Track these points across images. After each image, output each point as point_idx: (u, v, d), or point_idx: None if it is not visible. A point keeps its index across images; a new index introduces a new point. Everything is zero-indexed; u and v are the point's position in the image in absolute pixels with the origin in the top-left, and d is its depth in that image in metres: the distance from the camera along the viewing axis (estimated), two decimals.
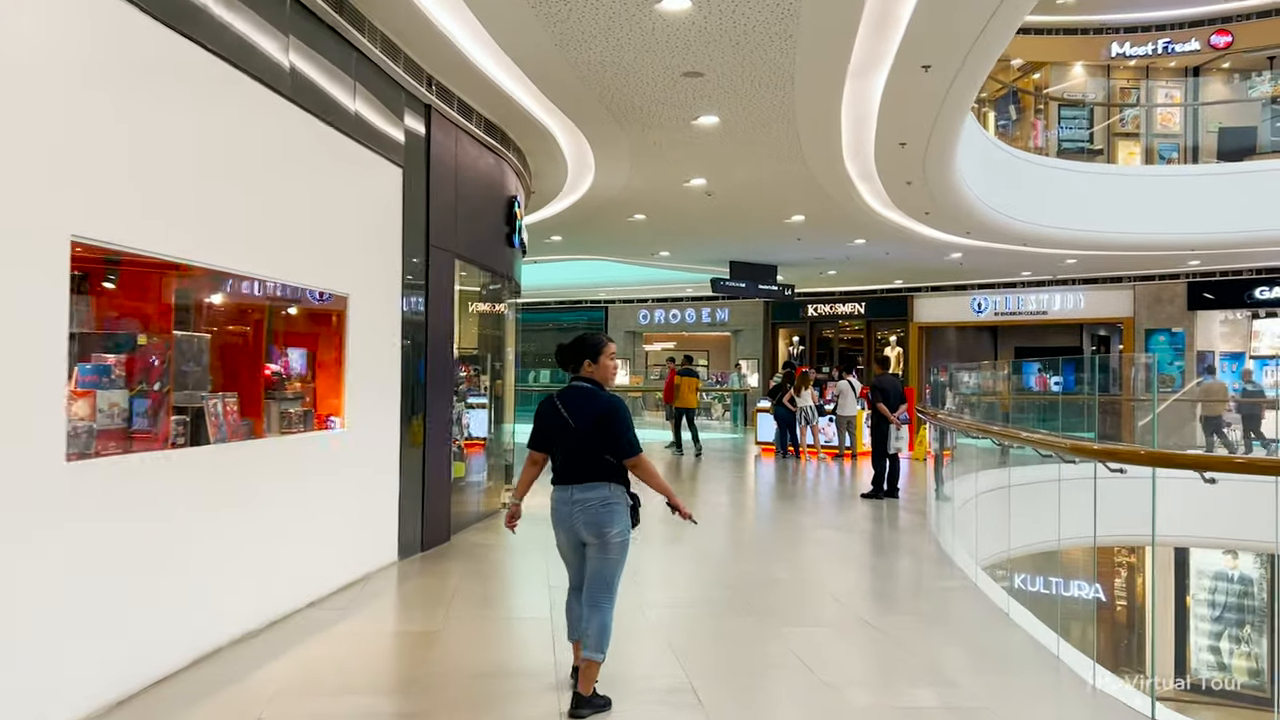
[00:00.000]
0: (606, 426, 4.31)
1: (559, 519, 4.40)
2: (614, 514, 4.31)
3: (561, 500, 4.38)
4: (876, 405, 11.83)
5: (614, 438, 4.30)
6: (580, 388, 4.45)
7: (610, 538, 4.30)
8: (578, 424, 4.33)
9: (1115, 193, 17.40)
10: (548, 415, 4.46)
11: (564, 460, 4.39)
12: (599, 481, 4.31)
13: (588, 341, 4.51)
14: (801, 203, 13.86)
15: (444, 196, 8.50)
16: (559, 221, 15.49)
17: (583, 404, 4.38)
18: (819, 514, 11.22)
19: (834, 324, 28.13)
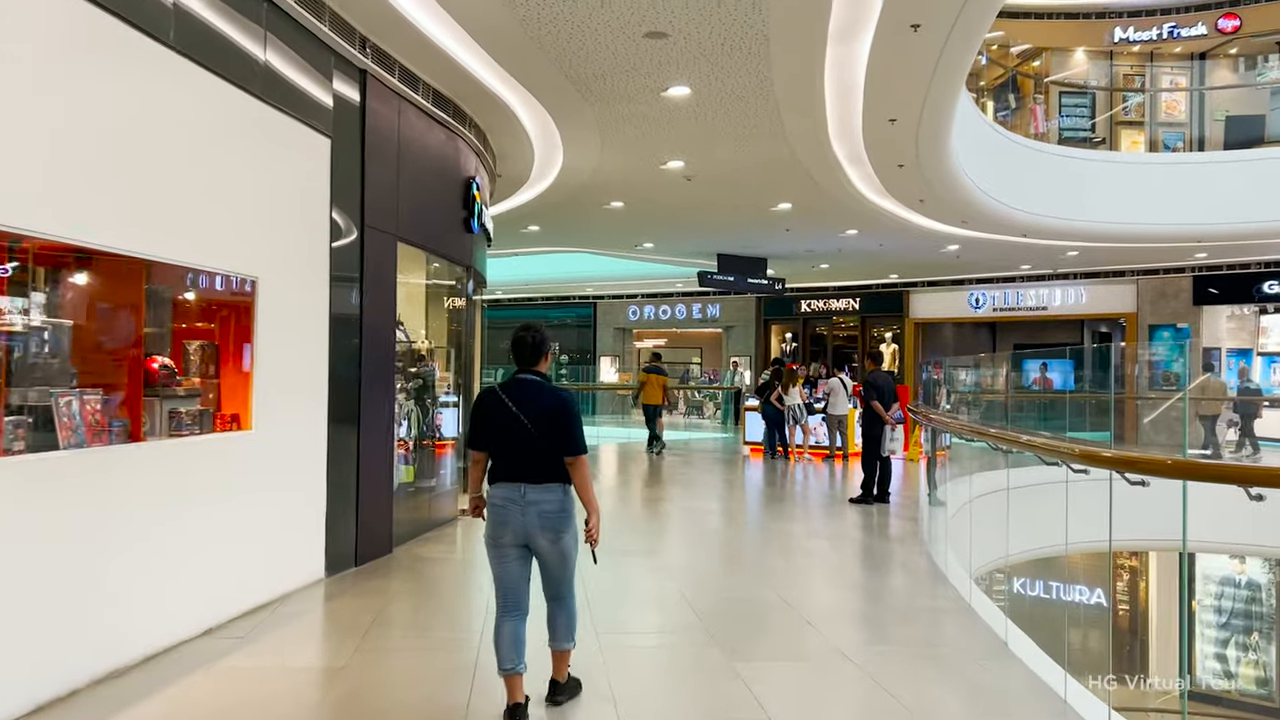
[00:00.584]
0: (559, 422, 4.09)
1: (504, 519, 4.11)
2: (570, 517, 4.15)
3: (509, 500, 4.10)
4: (870, 403, 11.00)
5: (565, 434, 4.09)
6: (529, 381, 4.20)
7: (566, 540, 4.15)
8: (531, 420, 4.08)
9: (1119, 182, 16.59)
10: (493, 410, 4.16)
11: (513, 458, 4.11)
12: (555, 482, 4.11)
13: (546, 334, 4.33)
14: (788, 189, 13.04)
15: (383, 173, 7.68)
16: (533, 209, 14.67)
17: (535, 398, 4.14)
18: (804, 521, 10.42)
19: (828, 320, 27.34)
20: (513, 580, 4.17)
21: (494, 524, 4.14)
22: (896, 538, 9.36)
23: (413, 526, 8.55)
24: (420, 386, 9.39)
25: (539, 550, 4.14)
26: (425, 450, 9.45)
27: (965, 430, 7.50)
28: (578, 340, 30.97)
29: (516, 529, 4.09)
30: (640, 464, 16.37)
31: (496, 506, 4.13)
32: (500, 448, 4.14)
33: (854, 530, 9.66)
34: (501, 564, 4.17)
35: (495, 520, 4.14)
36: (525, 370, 4.25)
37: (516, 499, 4.07)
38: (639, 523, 9.92)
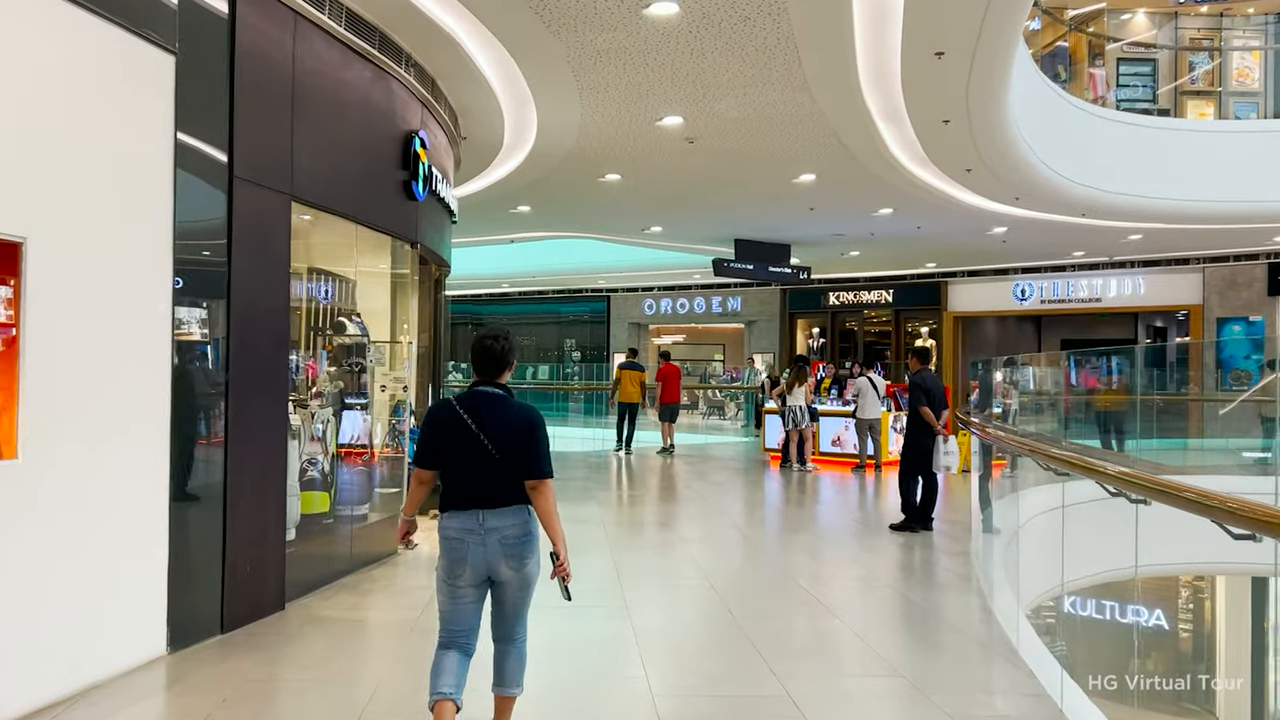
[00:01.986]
0: (525, 441, 3.68)
1: (462, 554, 3.66)
2: (534, 541, 3.76)
3: (466, 531, 3.66)
4: (919, 410, 9.01)
5: (533, 454, 3.68)
6: (490, 394, 3.76)
7: (530, 568, 3.75)
8: (494, 438, 3.65)
9: (1191, 154, 14.43)
10: (448, 426, 3.71)
11: (470, 482, 3.68)
12: (517, 505, 3.70)
13: (512, 341, 3.88)
14: (811, 155, 11.07)
15: (268, 112, 5.83)
16: (519, 186, 12.81)
17: (498, 414, 3.71)
18: (825, 555, 8.49)
19: (858, 314, 25.27)
20: (465, 620, 3.75)
21: (450, 560, 3.68)
22: (946, 583, 7.39)
23: (325, 570, 6.72)
24: (347, 390, 7.56)
25: (501, 581, 3.73)
26: (352, 470, 7.61)
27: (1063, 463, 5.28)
28: (590, 336, 29.16)
29: (476, 564, 3.66)
30: (640, 473, 14.48)
31: (451, 540, 3.66)
32: (455, 469, 3.70)
33: (890, 569, 7.71)
34: (455, 603, 3.72)
35: (451, 556, 3.67)
36: (486, 382, 3.78)
37: (474, 528, 3.64)
38: (618, 556, 8.03)
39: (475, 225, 16.50)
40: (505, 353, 3.81)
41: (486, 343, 3.78)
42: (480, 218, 15.63)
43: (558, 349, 29.78)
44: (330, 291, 10.25)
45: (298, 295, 9.07)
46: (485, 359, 3.77)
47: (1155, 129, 14.79)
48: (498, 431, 3.65)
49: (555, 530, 3.68)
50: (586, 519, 9.87)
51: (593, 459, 16.82)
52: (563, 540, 3.70)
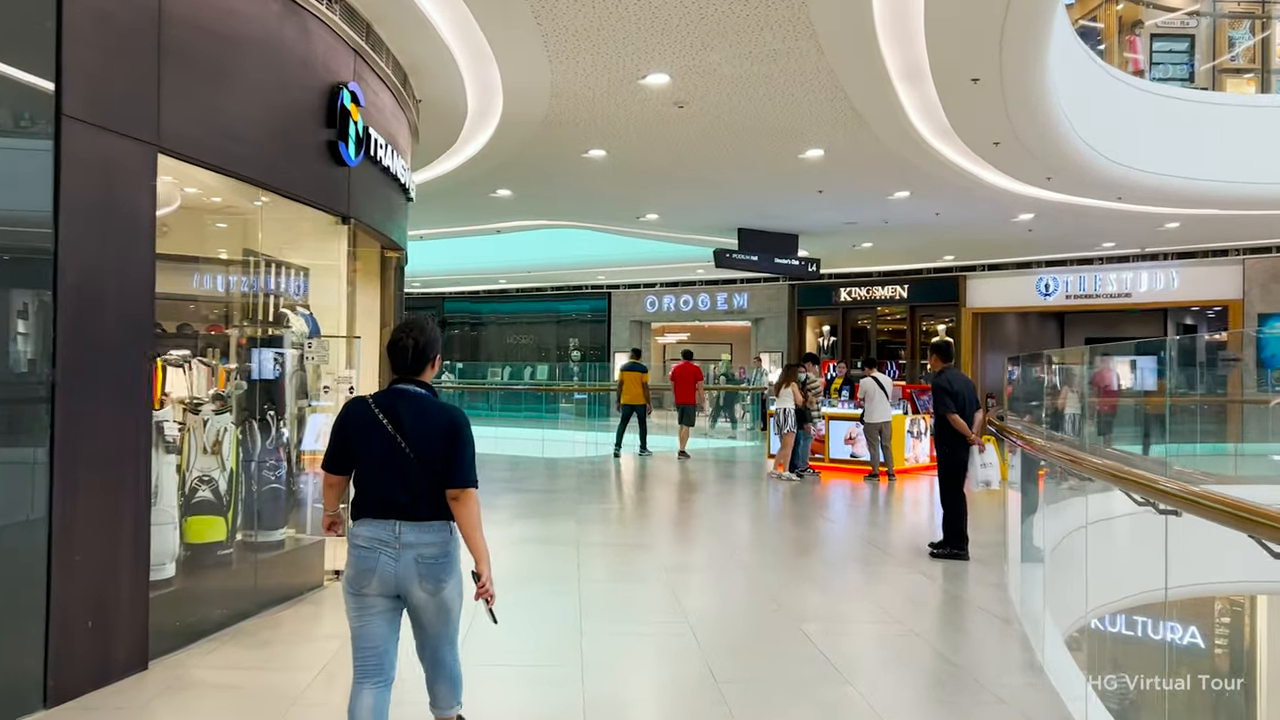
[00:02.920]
0: (448, 446, 3.32)
1: (371, 565, 3.29)
2: (454, 562, 3.40)
3: (379, 541, 3.30)
4: (947, 417, 7.69)
5: (455, 461, 3.32)
6: (411, 394, 3.41)
7: (450, 591, 3.38)
8: (415, 441, 3.31)
9: (1235, 132, 13.07)
10: (362, 428, 3.36)
11: (386, 489, 3.32)
12: (439, 520, 3.35)
13: (434, 334, 3.51)
14: (819, 125, 9.76)
15: (119, 37, 4.55)
16: (495, 164, 11.54)
17: (419, 415, 3.36)
18: (834, 589, 7.19)
19: (871, 310, 23.91)
20: (377, 640, 3.37)
21: (357, 569, 3.32)
22: (981, 630, 6.08)
23: (216, 614, 5.45)
24: (253, 392, 6.31)
25: (415, 603, 3.36)
26: (267, 488, 6.35)
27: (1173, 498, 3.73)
28: (591, 335, 27.90)
29: (386, 578, 3.31)
30: (630, 483, 13.19)
31: (361, 549, 3.31)
32: (369, 475, 3.36)
33: (910, 613, 6.40)
34: (363, 619, 3.34)
35: (359, 566, 3.31)
36: (405, 379, 3.45)
37: (389, 540, 3.30)
38: (586, 590, 6.74)
39: (455, 212, 15.26)
40: (424, 348, 3.46)
41: (402, 335, 3.46)
42: (459, 204, 14.39)
43: (558, 348, 28.54)
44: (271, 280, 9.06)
45: (220, 283, 7.91)
46: (401, 355, 3.44)
47: (1199, 103, 13.43)
48: (416, 434, 3.35)
49: (478, 546, 3.35)
50: (558, 539, 8.58)
51: (584, 466, 15.54)
52: (485, 557, 3.35)
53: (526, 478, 13.38)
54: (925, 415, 14.82)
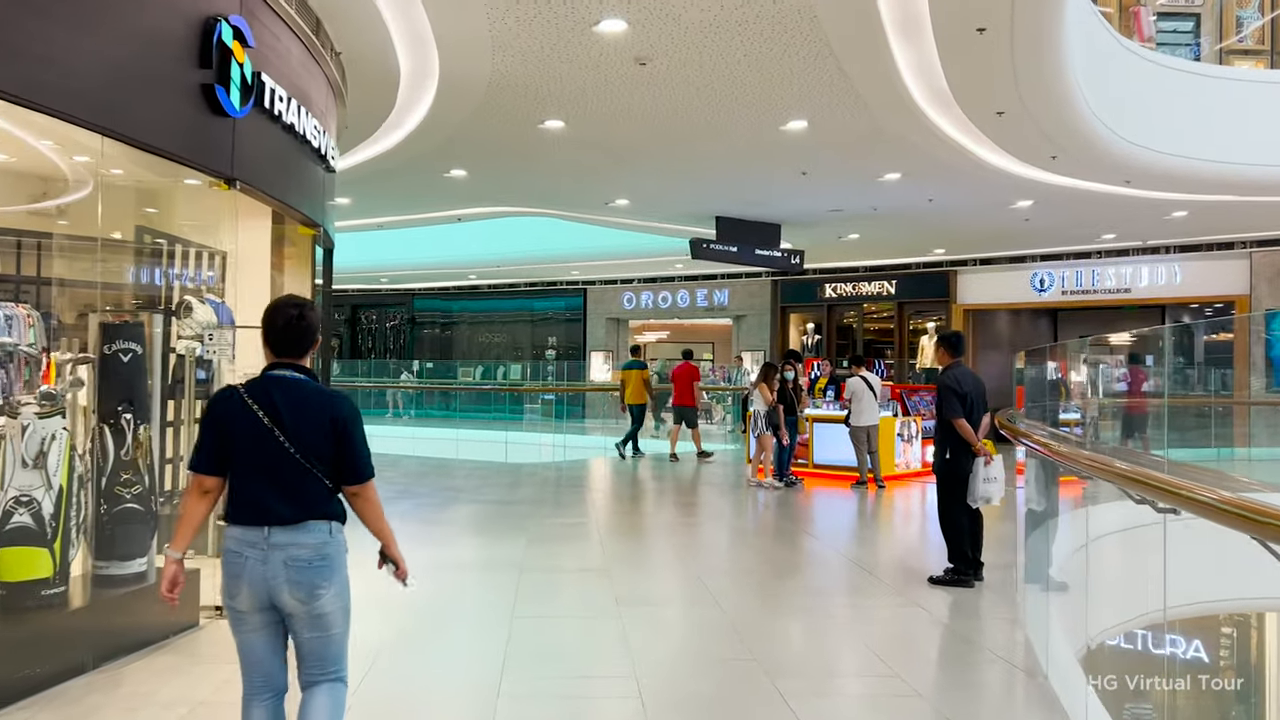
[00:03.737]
0: (336, 437, 3.06)
1: (243, 573, 3.00)
2: (335, 569, 3.05)
3: (250, 544, 3.01)
4: (953, 422, 6.56)
5: (348, 453, 3.08)
6: (290, 379, 3.10)
7: (325, 603, 3.03)
8: (294, 432, 3.03)
9: (1249, 111, 12.00)
10: (234, 419, 3.05)
11: (260, 487, 3.03)
12: (317, 520, 3.03)
13: (316, 314, 3.23)
14: (802, 90, 8.62)
15: None
16: (444, 138, 10.36)
17: (299, 404, 3.06)
18: (816, 628, 6.06)
19: (857, 307, 22.82)
20: (261, 654, 3.08)
21: (227, 576, 3.05)
22: (998, 686, 4.96)
23: (42, 669, 4.27)
24: (109, 390, 5.13)
25: (288, 613, 3.03)
26: (121, 509, 5.16)
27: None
28: (566, 334, 26.71)
29: (255, 585, 2.98)
30: (597, 490, 12.05)
31: (230, 553, 3.03)
32: (242, 473, 3.06)
33: (907, 662, 5.27)
34: (242, 634, 3.07)
35: (228, 573, 3.03)
36: (283, 363, 3.12)
37: (257, 542, 2.99)
38: (518, 632, 5.59)
39: (408, 195, 14.08)
40: (312, 324, 3.17)
41: (289, 312, 3.13)
42: (412, 186, 13.22)
43: (533, 347, 27.36)
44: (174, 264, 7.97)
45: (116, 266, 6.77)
46: (287, 333, 3.12)
47: (1217, 78, 12.37)
48: (297, 425, 3.04)
49: (385, 532, 3.18)
50: (500, 562, 7.41)
51: (549, 472, 14.39)
52: (394, 540, 3.19)
53: (482, 486, 12.22)
54: (917, 417, 13.74)
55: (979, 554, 6.83)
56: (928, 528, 9.74)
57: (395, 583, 3.22)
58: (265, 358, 3.19)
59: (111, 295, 7.06)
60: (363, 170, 12.00)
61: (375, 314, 29.66)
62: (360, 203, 14.58)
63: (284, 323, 3.12)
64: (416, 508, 10.44)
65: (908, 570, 7.38)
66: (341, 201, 14.28)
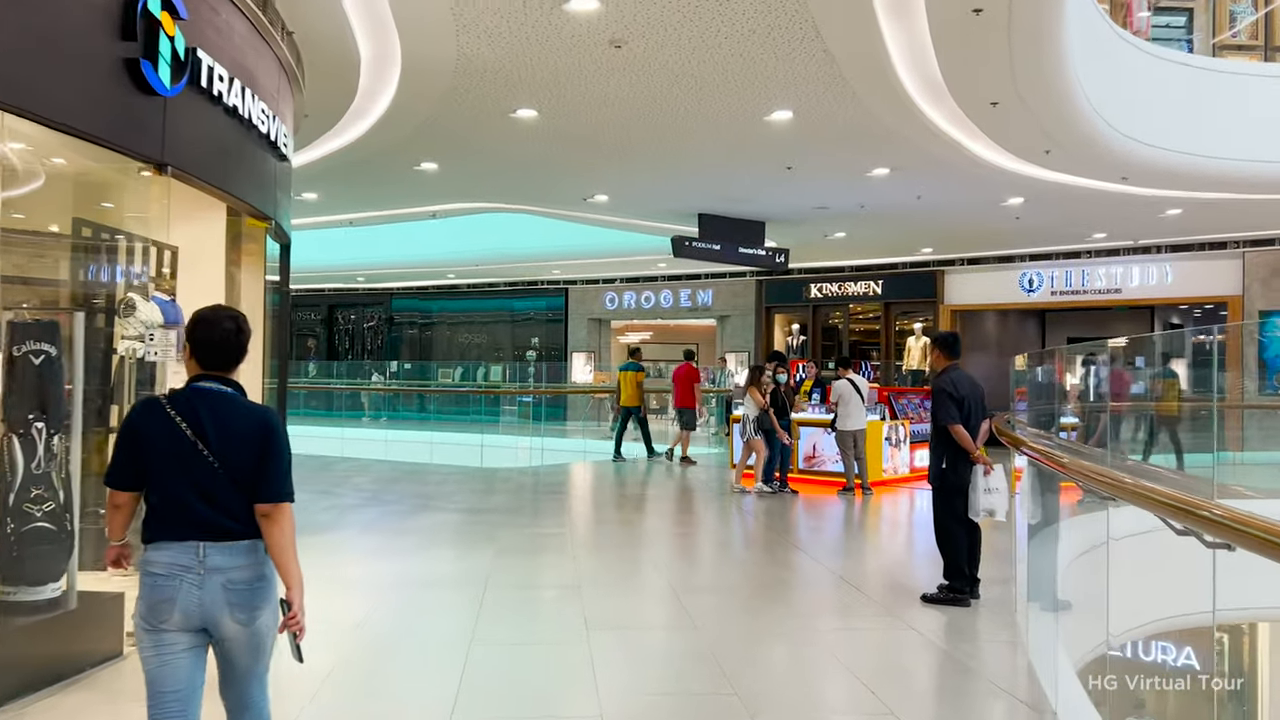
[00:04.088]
0: (262, 453, 2.94)
1: (171, 592, 2.82)
2: (270, 586, 2.96)
3: (180, 567, 2.83)
4: (949, 428, 6.09)
5: (269, 471, 2.93)
6: (214, 392, 2.96)
7: (265, 620, 2.94)
8: (221, 450, 2.89)
9: (1261, 106, 11.64)
10: (155, 434, 2.89)
11: (186, 504, 2.87)
12: (252, 539, 2.92)
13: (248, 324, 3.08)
14: (787, 78, 8.17)
15: None
16: (412, 128, 9.87)
17: (225, 418, 2.93)
18: (800, 656, 5.59)
19: (843, 307, 22.40)
20: (179, 684, 2.87)
21: (152, 601, 2.83)
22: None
23: None
24: (20, 397, 4.62)
25: (224, 637, 2.89)
26: (30, 529, 4.64)
27: None
28: (547, 335, 26.20)
29: (189, 609, 2.83)
30: (574, 496, 11.57)
31: (157, 577, 2.82)
32: (165, 489, 2.89)
33: (901, 698, 4.81)
34: (162, 660, 2.84)
35: (155, 597, 2.82)
36: (211, 376, 2.97)
37: (191, 565, 2.83)
38: (474, 659, 5.10)
39: (380, 190, 13.56)
40: (247, 342, 3.02)
41: (225, 326, 2.96)
42: (383, 180, 12.71)
43: (514, 348, 26.83)
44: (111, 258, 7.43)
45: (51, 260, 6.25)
46: (222, 349, 2.97)
47: (1219, 72, 11.98)
48: (223, 440, 2.90)
49: (290, 570, 2.94)
50: (464, 579, 6.90)
51: (525, 477, 13.90)
52: (299, 584, 2.94)
53: (455, 493, 11.71)
54: (905, 421, 13.32)
55: (976, 570, 6.39)
56: (918, 538, 9.31)
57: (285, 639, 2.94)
58: (187, 369, 3.03)
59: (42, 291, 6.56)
60: (330, 163, 11.49)
61: (352, 314, 29.08)
62: (329, 198, 14.05)
63: (220, 338, 2.98)
64: (383, 516, 9.94)
65: (898, 586, 6.93)
66: (308, 197, 13.76)
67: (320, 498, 10.98)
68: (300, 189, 13.19)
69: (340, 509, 10.22)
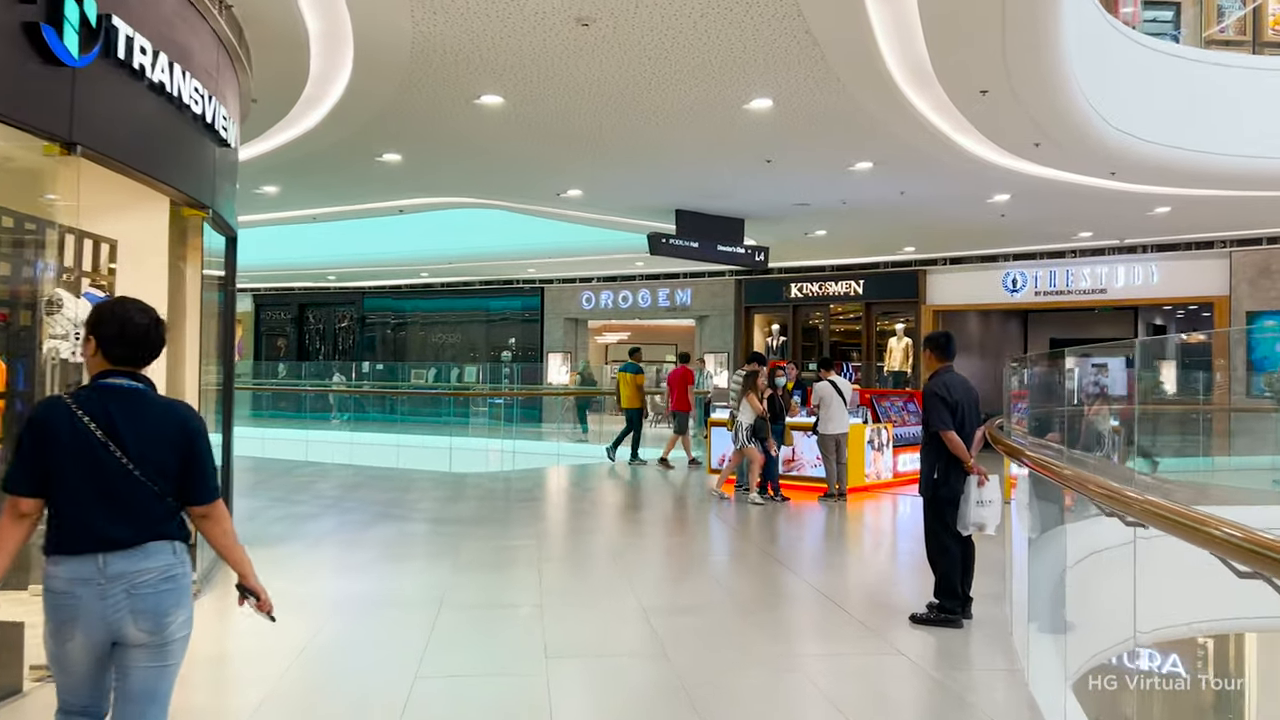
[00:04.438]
0: (183, 454, 2.81)
1: (73, 610, 2.68)
2: (185, 593, 2.82)
3: (81, 578, 2.68)
4: (942, 435, 5.64)
5: (196, 472, 2.83)
6: (126, 389, 2.80)
7: (175, 630, 2.78)
8: (133, 448, 2.73)
9: (1256, 100, 11.28)
10: (59, 434, 2.72)
11: (91, 512, 2.71)
12: (160, 540, 2.77)
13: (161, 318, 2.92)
14: (766, 62, 7.69)
15: None
16: (371, 116, 9.34)
17: (141, 418, 2.78)
18: (778, 688, 5.11)
19: (823, 308, 21.99)
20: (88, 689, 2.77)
21: (56, 622, 2.70)
22: None
23: None
24: None
25: (127, 647, 2.71)
26: None
27: None
28: (523, 335, 25.66)
29: (92, 624, 2.67)
30: (548, 502, 11.06)
31: (58, 595, 2.68)
32: (69, 495, 2.71)
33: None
34: (69, 676, 2.76)
35: (58, 617, 2.69)
36: (121, 372, 2.81)
37: (92, 577, 2.67)
38: (421, 695, 4.59)
39: (342, 183, 12.99)
40: (163, 341, 2.85)
41: (140, 322, 2.79)
42: (345, 173, 12.15)
43: (490, 348, 26.27)
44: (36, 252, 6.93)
45: None
46: (137, 346, 2.80)
47: (1214, 65, 11.59)
48: (138, 439, 2.74)
49: (240, 559, 2.93)
50: (417, 598, 6.38)
51: (496, 483, 13.36)
52: (251, 567, 2.94)
53: (418, 501, 11.18)
54: (888, 424, 12.90)
55: (969, 588, 5.93)
56: (903, 549, 8.87)
57: (259, 617, 2.97)
58: (90, 366, 2.84)
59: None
60: (288, 154, 10.92)
61: (323, 313, 28.44)
62: (290, 191, 13.46)
63: (136, 336, 2.80)
64: (339, 527, 9.39)
65: (885, 604, 6.48)
66: (268, 190, 13.19)
67: (275, 506, 10.43)
68: (259, 182, 12.61)
69: (295, 519, 9.66)
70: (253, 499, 10.68)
